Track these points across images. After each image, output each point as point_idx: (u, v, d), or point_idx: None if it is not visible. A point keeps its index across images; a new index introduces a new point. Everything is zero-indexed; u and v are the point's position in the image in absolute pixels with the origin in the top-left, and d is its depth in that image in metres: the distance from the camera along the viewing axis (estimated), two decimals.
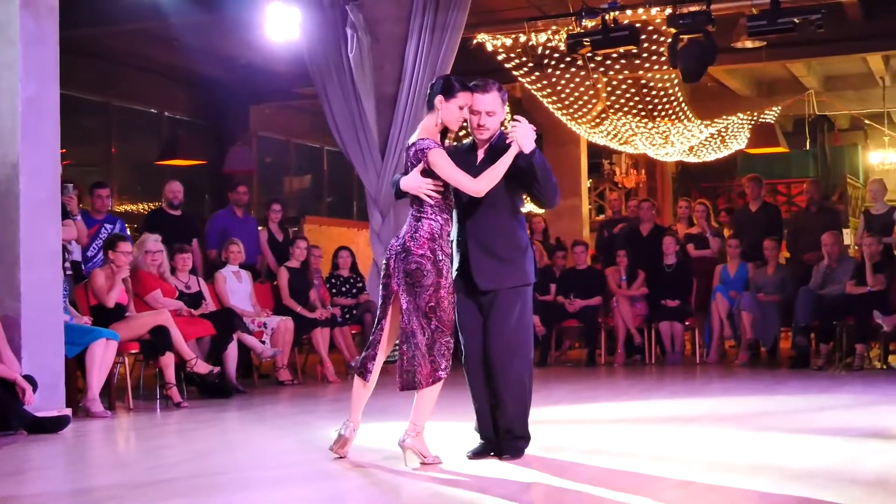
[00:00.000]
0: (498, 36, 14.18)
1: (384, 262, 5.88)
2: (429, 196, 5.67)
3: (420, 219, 5.72)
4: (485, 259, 5.78)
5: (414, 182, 5.70)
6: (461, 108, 5.74)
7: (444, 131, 5.85)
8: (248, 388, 10.28)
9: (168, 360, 9.15)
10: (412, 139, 5.81)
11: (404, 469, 5.60)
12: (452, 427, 6.82)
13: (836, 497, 4.78)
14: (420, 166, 5.68)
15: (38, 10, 8.01)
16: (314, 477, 5.66)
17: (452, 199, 5.80)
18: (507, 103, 5.97)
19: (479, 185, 5.63)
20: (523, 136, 5.62)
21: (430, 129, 5.77)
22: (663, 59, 13.87)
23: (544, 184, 5.73)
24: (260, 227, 12.40)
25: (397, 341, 5.81)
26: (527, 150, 5.62)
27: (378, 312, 5.87)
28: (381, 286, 5.89)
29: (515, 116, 5.81)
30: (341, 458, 5.89)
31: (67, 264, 9.18)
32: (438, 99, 5.74)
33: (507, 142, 5.66)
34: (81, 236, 9.75)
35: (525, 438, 5.92)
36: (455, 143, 6.31)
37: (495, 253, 5.78)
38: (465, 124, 5.93)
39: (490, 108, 5.78)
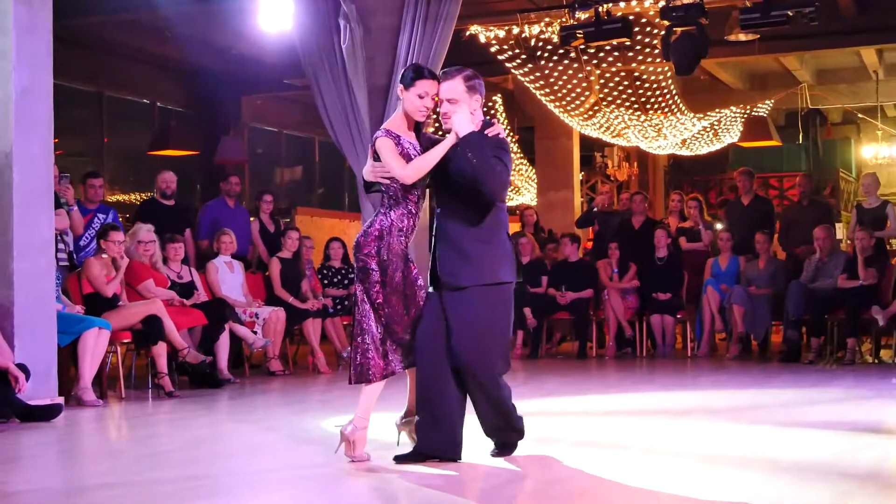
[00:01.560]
0: (491, 28, 14.18)
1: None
2: (384, 180, 5.55)
3: (377, 214, 5.64)
4: (452, 255, 5.56)
5: (366, 169, 5.66)
6: (421, 98, 5.56)
7: (419, 125, 5.69)
8: (240, 378, 10.28)
9: (160, 350, 9.15)
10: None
11: (393, 461, 5.59)
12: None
13: (827, 490, 4.80)
14: (370, 151, 5.65)
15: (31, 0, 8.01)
16: (306, 464, 5.67)
17: (416, 194, 5.59)
18: (481, 94, 5.65)
19: (404, 172, 5.46)
20: (459, 121, 5.46)
21: (394, 119, 5.68)
22: (656, 51, 13.88)
23: (482, 169, 5.41)
24: (251, 218, 12.40)
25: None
26: (461, 134, 5.42)
27: None
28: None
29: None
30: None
31: (63, 254, 9.17)
32: (399, 89, 5.65)
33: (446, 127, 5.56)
34: (77, 226, 9.74)
35: (517, 430, 5.74)
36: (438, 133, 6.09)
37: (463, 249, 5.54)
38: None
39: (450, 95, 5.56)
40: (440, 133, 5.89)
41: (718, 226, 14.10)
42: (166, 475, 5.51)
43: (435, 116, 5.91)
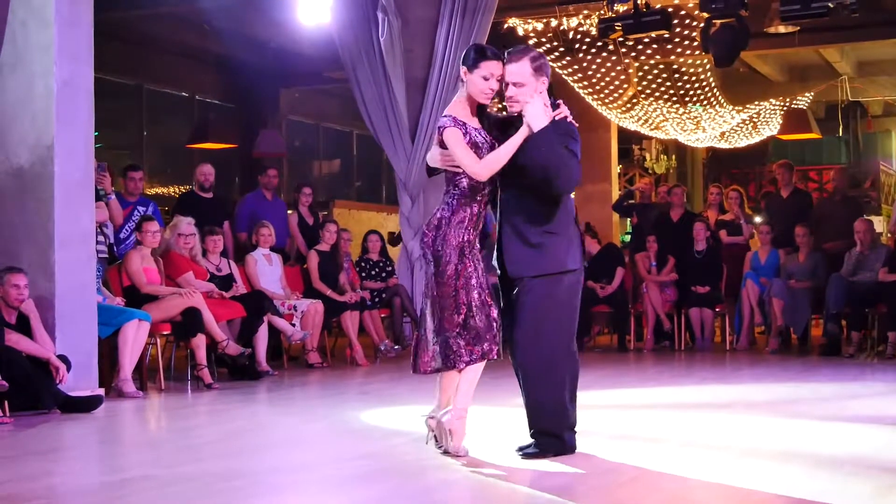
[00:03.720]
0: (529, 20, 14.15)
1: None
2: (451, 168, 5.37)
3: (442, 203, 5.48)
4: (517, 245, 5.43)
5: (432, 154, 5.51)
6: (486, 79, 5.32)
7: (482, 106, 5.47)
8: (278, 370, 10.32)
9: (199, 342, 9.20)
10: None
11: (433, 451, 5.59)
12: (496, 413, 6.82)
13: (868, 484, 4.77)
14: (437, 138, 5.44)
15: None
16: (345, 457, 5.69)
17: (483, 185, 5.39)
18: (547, 75, 5.43)
19: (477, 168, 5.28)
20: (533, 115, 5.26)
21: (457, 103, 5.46)
22: (695, 43, 13.81)
23: (547, 168, 5.26)
24: (290, 211, 12.44)
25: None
26: (535, 129, 5.22)
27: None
28: None
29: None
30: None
31: (103, 246, 9.23)
32: (462, 70, 5.41)
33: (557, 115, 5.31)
34: (116, 216, 9.81)
35: (550, 435, 5.49)
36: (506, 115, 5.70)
37: (527, 239, 5.42)
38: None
39: (517, 78, 5.32)
40: (503, 112, 5.69)
41: (758, 219, 14.02)
42: (207, 467, 5.54)
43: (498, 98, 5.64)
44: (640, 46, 14.72)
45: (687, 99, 16.36)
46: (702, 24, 12.30)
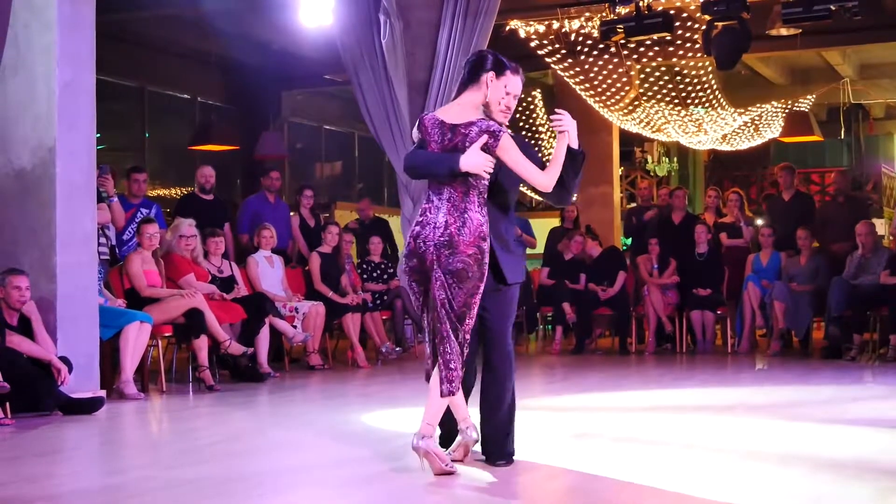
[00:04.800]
0: (531, 22, 14.15)
1: (415, 248, 5.20)
2: (485, 174, 5.16)
3: (465, 210, 5.14)
4: (503, 252, 5.38)
5: (478, 160, 5.12)
6: (508, 93, 5.29)
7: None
8: (280, 372, 10.32)
9: (201, 343, 9.20)
10: (459, 118, 5.27)
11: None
12: None
13: (868, 487, 4.77)
14: (480, 143, 5.13)
15: None
16: (346, 459, 5.69)
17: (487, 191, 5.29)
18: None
19: (544, 179, 5.20)
20: (574, 129, 5.28)
21: (478, 107, 5.29)
22: (697, 46, 13.80)
23: (577, 179, 5.42)
24: (292, 213, 12.44)
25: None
26: (575, 145, 5.27)
27: (412, 308, 5.58)
28: (412, 280, 5.29)
29: (557, 109, 5.40)
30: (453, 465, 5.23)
31: (104, 248, 9.24)
32: (489, 76, 5.26)
33: (559, 131, 5.30)
34: (118, 218, 9.82)
35: (510, 442, 5.48)
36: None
37: (509, 247, 5.43)
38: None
39: (519, 92, 5.39)
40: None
41: (759, 221, 14.01)
42: (208, 469, 5.54)
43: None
44: (641, 49, 14.72)
45: (689, 101, 16.36)
46: (703, 27, 12.30)
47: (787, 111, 17.39)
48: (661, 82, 16.04)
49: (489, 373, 5.47)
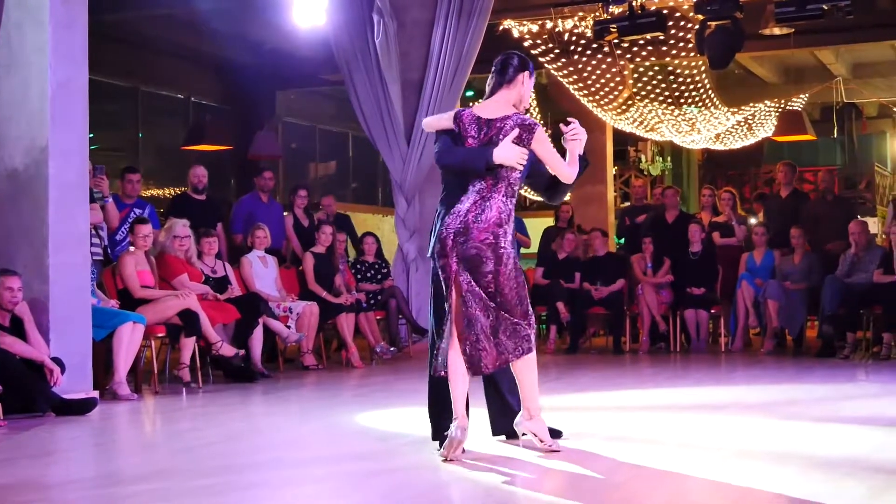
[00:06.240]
0: (524, 22, 14.15)
1: (438, 239, 5.50)
2: (518, 165, 5.47)
3: (488, 199, 5.46)
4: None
5: (511, 152, 5.45)
6: (531, 87, 5.76)
7: None
8: (273, 372, 10.31)
9: (187, 342, 9.17)
10: (495, 113, 5.58)
11: (430, 452, 5.59)
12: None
13: (862, 486, 4.77)
14: (512, 137, 5.45)
15: None
16: (340, 458, 5.69)
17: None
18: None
19: (572, 173, 5.64)
20: (585, 138, 5.74)
21: (512, 104, 5.66)
22: (690, 45, 13.81)
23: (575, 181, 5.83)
24: (285, 213, 12.43)
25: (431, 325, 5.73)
26: (580, 152, 5.70)
27: (436, 294, 5.67)
28: (437, 266, 5.56)
29: (569, 119, 5.76)
30: (451, 461, 5.38)
31: (98, 249, 9.22)
32: (525, 75, 5.68)
33: (571, 137, 5.66)
34: (112, 219, 9.81)
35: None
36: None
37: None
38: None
39: None
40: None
41: (752, 220, 14.01)
42: (202, 469, 5.53)
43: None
44: (635, 48, 14.72)
45: (682, 100, 16.37)
46: (697, 26, 12.32)
47: (780, 110, 17.40)
48: (654, 82, 16.04)
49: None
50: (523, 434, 5.63)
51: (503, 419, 5.92)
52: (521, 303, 5.50)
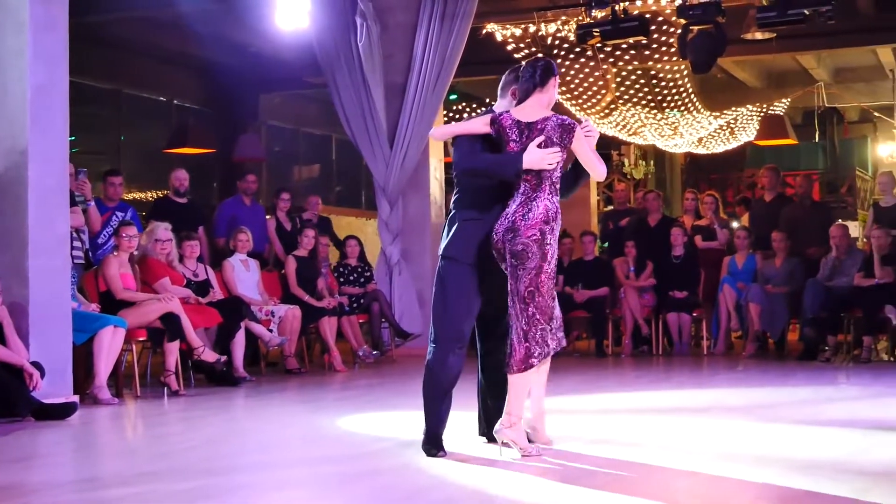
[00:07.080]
0: (507, 25, 14.15)
1: (493, 237, 5.64)
2: (550, 166, 5.62)
3: (535, 199, 5.61)
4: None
5: (537, 156, 5.61)
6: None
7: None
8: (256, 376, 10.29)
9: (171, 348, 9.14)
10: (532, 116, 5.72)
11: (413, 456, 5.59)
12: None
13: (843, 488, 4.78)
14: (538, 140, 5.62)
15: None
16: (323, 462, 5.68)
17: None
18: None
19: (605, 169, 5.89)
20: (597, 135, 6.00)
21: (545, 106, 5.84)
22: (673, 49, 13.83)
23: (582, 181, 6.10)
24: (268, 216, 12.41)
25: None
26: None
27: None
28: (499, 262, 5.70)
29: (584, 121, 6.00)
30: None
31: (79, 252, 9.18)
32: (555, 79, 5.86)
33: (586, 134, 5.83)
34: (94, 223, 9.77)
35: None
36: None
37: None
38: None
39: None
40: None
41: (735, 224, 14.04)
42: (182, 473, 5.51)
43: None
44: (618, 52, 14.74)
45: (665, 105, 16.40)
46: (679, 31, 12.34)
47: (762, 114, 17.47)
48: (637, 86, 16.06)
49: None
50: (503, 442, 5.62)
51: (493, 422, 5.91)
52: (554, 304, 5.67)
